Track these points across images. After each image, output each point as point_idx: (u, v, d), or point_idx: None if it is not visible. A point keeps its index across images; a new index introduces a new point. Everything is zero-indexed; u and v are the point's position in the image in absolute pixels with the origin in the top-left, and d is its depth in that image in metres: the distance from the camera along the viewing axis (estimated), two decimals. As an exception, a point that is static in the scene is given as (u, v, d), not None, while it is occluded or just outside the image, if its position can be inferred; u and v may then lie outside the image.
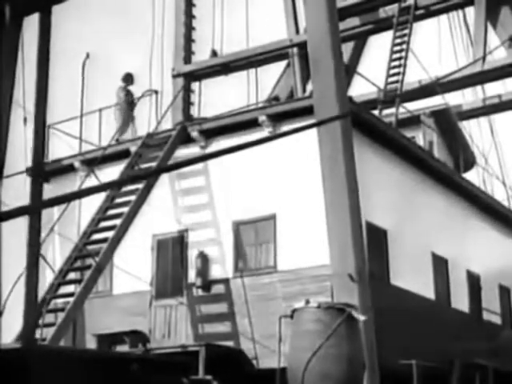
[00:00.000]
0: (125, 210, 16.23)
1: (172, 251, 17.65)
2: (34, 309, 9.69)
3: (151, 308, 17.41)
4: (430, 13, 23.96)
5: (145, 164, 17.51)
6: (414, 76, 23.79)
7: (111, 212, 16.78)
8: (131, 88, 19.74)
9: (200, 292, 16.93)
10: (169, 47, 24.20)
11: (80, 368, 11.19)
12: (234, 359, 15.75)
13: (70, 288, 15.77)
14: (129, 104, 19.30)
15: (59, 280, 15.58)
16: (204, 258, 16.87)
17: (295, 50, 24.64)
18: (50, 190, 19.10)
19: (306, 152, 15.44)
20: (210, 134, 17.58)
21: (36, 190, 8.79)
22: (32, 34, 9.29)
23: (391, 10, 23.90)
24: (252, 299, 16.20)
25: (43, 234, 14.83)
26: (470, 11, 24.94)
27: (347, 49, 25.54)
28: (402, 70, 22.23)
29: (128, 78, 19.55)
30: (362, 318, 11.10)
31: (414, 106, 22.97)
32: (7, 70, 9.21)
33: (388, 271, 17.06)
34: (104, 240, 15.84)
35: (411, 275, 17.83)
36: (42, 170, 10.07)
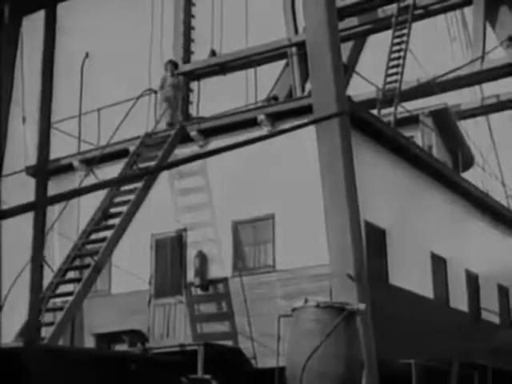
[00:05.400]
0: (124, 209, 16.23)
1: (171, 250, 17.65)
2: (38, 307, 9.71)
3: (150, 307, 17.41)
4: (428, 12, 23.99)
5: (144, 163, 17.50)
6: (412, 76, 23.83)
7: (110, 211, 16.77)
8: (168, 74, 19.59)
9: (199, 291, 16.93)
10: (168, 46, 24.22)
11: (79, 367, 11.20)
12: (233, 358, 15.76)
13: (69, 287, 15.76)
14: (174, 88, 19.19)
15: (58, 279, 15.58)
16: (203, 258, 16.87)
17: (294, 49, 24.66)
18: (49, 189, 19.09)
19: (304, 152, 15.45)
20: (209, 134, 17.58)
21: (41, 187, 8.81)
22: (32, 33, 9.30)
23: (390, 9, 23.93)
24: (251, 298, 16.21)
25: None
26: (469, 11, 24.97)
27: (346, 48, 25.55)
28: (400, 69, 22.25)
29: (166, 66, 19.51)
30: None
31: (412, 105, 23.00)
32: (6, 69, 9.21)
33: (387, 271, 17.08)
34: (103, 239, 15.83)
35: (410, 275, 17.84)
36: (46, 167, 10.08)
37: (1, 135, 8.90)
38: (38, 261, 8.60)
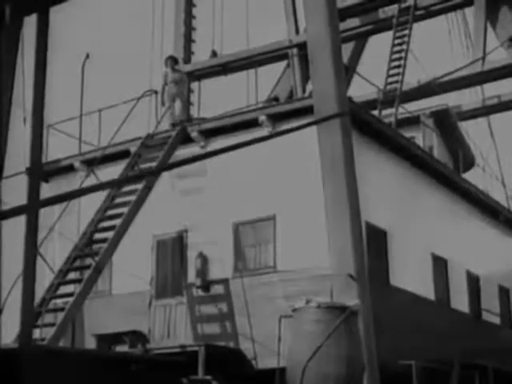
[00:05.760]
0: (125, 210, 16.22)
1: (172, 251, 17.65)
2: (31, 310, 9.69)
3: (151, 308, 17.41)
4: (429, 13, 24.02)
5: (144, 164, 17.49)
6: (413, 76, 23.85)
7: (111, 212, 16.77)
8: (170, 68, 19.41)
9: (200, 292, 16.93)
10: (169, 47, 24.24)
11: (79, 368, 11.19)
12: (234, 359, 15.76)
13: (70, 288, 15.75)
14: (178, 83, 19.09)
15: (59, 280, 15.57)
16: (204, 259, 16.87)
17: (295, 50, 24.68)
18: (49, 190, 19.11)
19: (305, 152, 15.44)
20: (210, 134, 17.57)
21: (33, 189, 8.77)
22: (33, 33, 9.29)
23: (391, 10, 23.95)
24: (251, 299, 16.20)
25: (43, 234, 14.82)
26: (470, 12, 24.98)
27: (347, 49, 25.57)
28: (401, 70, 22.26)
29: (166, 62, 19.47)
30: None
31: (413, 106, 23.02)
32: (7, 69, 9.21)
33: (387, 271, 17.07)
34: (104, 240, 15.83)
35: (411, 275, 17.84)
36: (39, 170, 10.05)
37: (1, 136, 8.90)
38: (30, 263, 8.59)
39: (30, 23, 9.48)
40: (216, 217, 17.00)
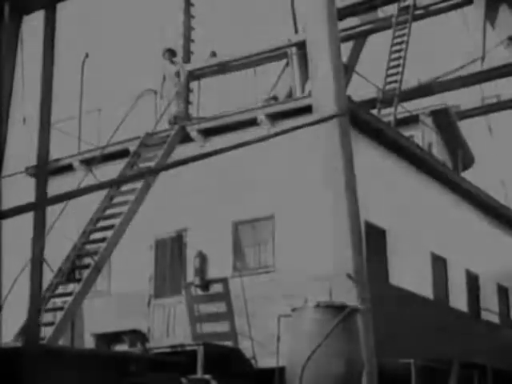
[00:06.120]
0: (124, 209, 16.21)
1: (171, 251, 17.65)
2: (38, 308, 9.70)
3: (150, 307, 17.42)
4: (429, 13, 24.00)
5: (144, 163, 17.49)
6: (413, 76, 23.85)
7: (110, 211, 16.76)
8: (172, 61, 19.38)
9: (199, 291, 16.94)
10: (168, 47, 24.17)
11: (79, 367, 11.20)
12: (233, 358, 15.76)
13: (69, 287, 15.74)
14: (172, 78, 19.06)
15: (58, 279, 15.56)
16: (203, 258, 16.88)
17: (294, 49, 24.65)
18: (48, 189, 19.08)
19: (305, 152, 15.45)
20: (209, 134, 17.58)
21: (41, 187, 8.79)
22: (33, 33, 9.29)
23: (390, 9, 23.94)
24: (250, 298, 16.20)
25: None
26: (469, 11, 24.97)
27: (346, 48, 25.56)
28: (400, 69, 22.27)
29: (164, 54, 19.42)
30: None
31: (412, 105, 23.02)
32: (6, 69, 9.20)
33: (387, 270, 17.08)
34: (103, 239, 15.82)
35: (410, 275, 17.84)
36: (47, 168, 10.07)
37: (1, 135, 8.90)
38: (37, 261, 8.60)
39: (31, 21, 9.49)
40: (215, 216, 17.00)
